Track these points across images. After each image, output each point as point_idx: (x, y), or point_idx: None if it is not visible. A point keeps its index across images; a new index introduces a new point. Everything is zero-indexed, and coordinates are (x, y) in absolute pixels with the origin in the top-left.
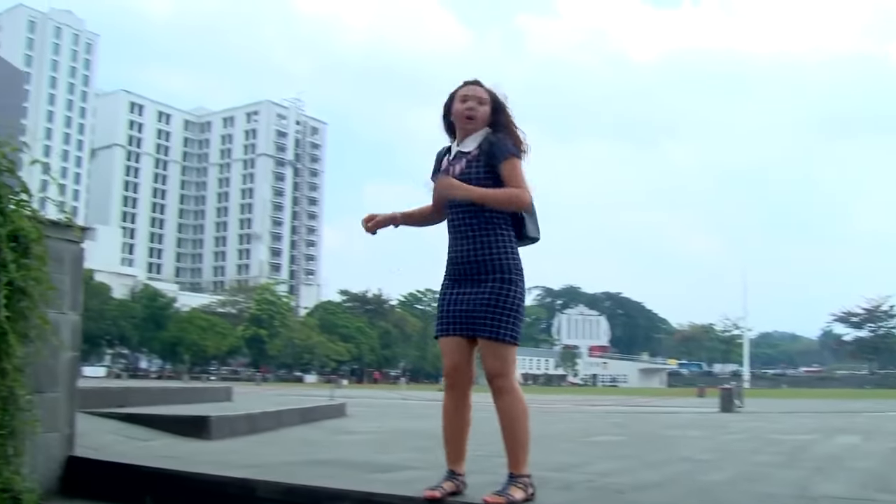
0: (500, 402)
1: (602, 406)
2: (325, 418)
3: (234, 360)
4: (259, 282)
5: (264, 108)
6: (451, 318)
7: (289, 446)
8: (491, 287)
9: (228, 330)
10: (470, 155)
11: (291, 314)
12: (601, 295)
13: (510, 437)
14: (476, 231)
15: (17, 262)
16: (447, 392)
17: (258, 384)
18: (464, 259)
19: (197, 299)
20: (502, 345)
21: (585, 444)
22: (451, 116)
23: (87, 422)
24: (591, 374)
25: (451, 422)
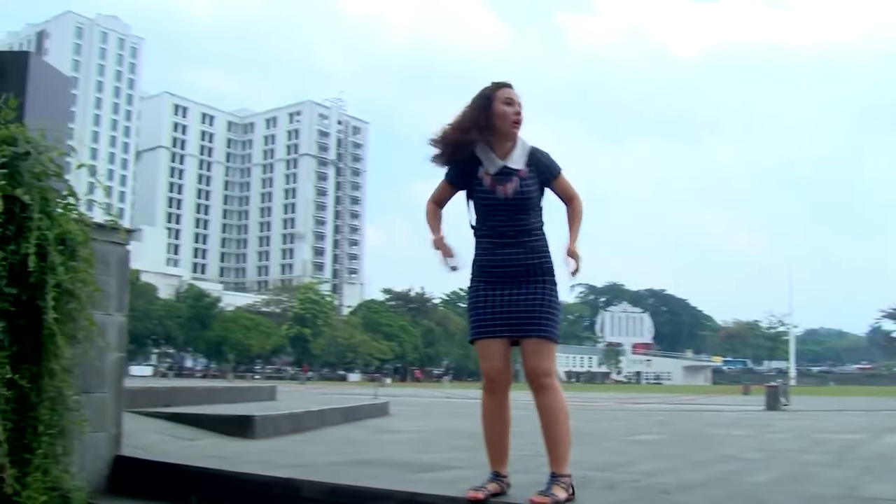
0: (545, 400)
1: (646, 404)
2: (368, 417)
3: (279, 358)
4: (302, 281)
5: (306, 109)
6: (495, 320)
7: (332, 446)
8: (538, 288)
9: (272, 329)
10: (522, 173)
11: (335, 313)
12: (645, 292)
13: (554, 435)
14: (526, 237)
15: (64, 264)
16: (488, 395)
17: (302, 383)
18: (512, 263)
19: (241, 299)
20: (551, 344)
21: (629, 443)
22: (492, 118)
23: (134, 421)
24: (634, 372)
25: (493, 424)
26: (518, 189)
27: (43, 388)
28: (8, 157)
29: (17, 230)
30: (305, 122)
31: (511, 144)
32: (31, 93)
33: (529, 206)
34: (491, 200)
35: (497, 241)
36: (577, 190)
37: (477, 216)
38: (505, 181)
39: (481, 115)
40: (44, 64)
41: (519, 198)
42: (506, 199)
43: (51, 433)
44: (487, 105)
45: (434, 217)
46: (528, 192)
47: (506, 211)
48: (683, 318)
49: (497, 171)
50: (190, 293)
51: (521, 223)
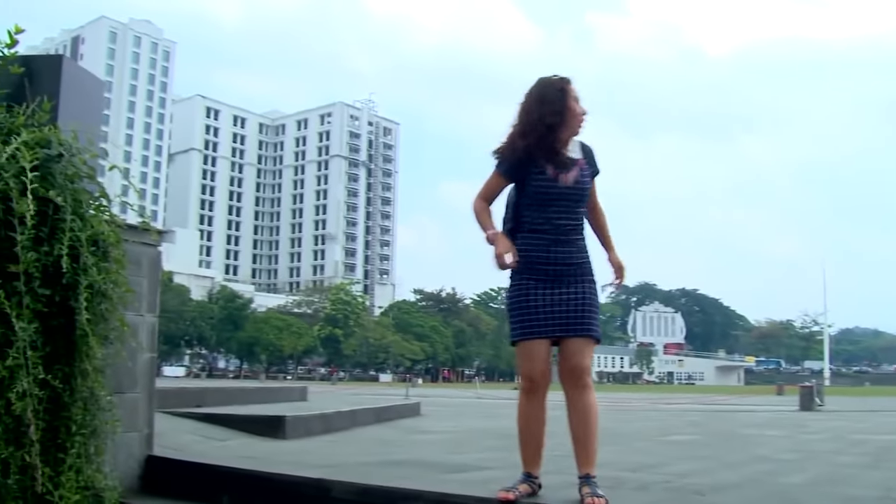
0: (585, 399)
1: (678, 404)
2: (399, 417)
3: (310, 359)
4: (334, 282)
5: (337, 110)
6: (545, 320)
7: (363, 446)
8: (584, 287)
9: (304, 330)
10: (580, 163)
11: (366, 314)
12: (677, 292)
13: (590, 435)
14: (577, 236)
15: (96, 265)
16: (529, 396)
17: (333, 383)
18: (564, 261)
19: (273, 300)
20: (593, 343)
21: (662, 444)
22: (567, 113)
23: (166, 421)
24: (666, 372)
25: (530, 426)
26: (578, 178)
27: (76, 388)
28: (41, 159)
29: (50, 232)
30: (336, 124)
31: (569, 136)
32: (64, 96)
33: (583, 198)
34: (552, 189)
35: (551, 236)
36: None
37: (531, 209)
38: (566, 170)
39: (557, 110)
40: (77, 67)
41: (578, 187)
42: (566, 188)
43: (83, 433)
44: (563, 98)
45: (486, 213)
46: (586, 183)
47: (565, 201)
48: (716, 317)
49: (561, 160)
50: (222, 294)
51: (577, 217)
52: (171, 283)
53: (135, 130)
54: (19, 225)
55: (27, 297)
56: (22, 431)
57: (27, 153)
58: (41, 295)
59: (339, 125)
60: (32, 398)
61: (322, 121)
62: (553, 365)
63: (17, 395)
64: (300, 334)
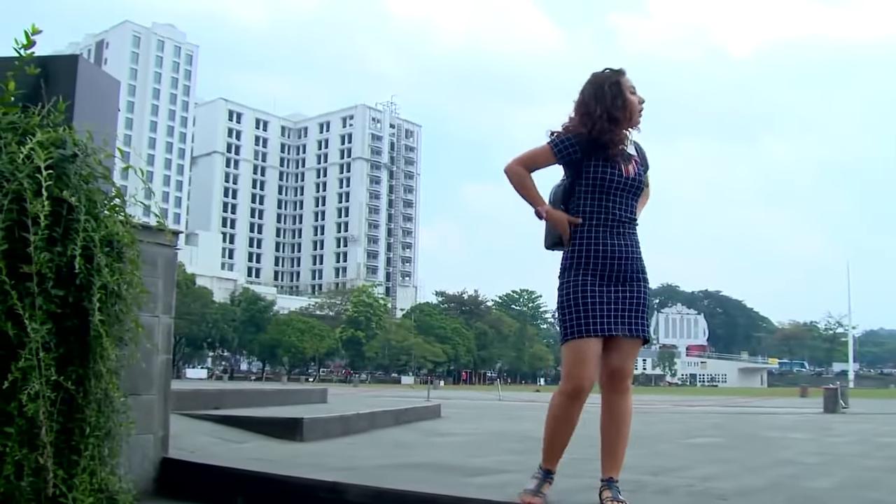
0: (623, 404)
1: (701, 406)
2: (419, 420)
3: (332, 361)
4: (356, 284)
5: (359, 113)
6: (607, 317)
7: (382, 449)
8: (641, 287)
9: (326, 332)
10: (636, 159)
11: (388, 316)
12: (699, 293)
13: (621, 440)
14: (632, 230)
15: (110, 266)
16: (570, 400)
17: (355, 385)
18: (623, 255)
19: (295, 302)
20: (641, 345)
21: (684, 447)
22: (626, 106)
23: (183, 423)
24: (689, 374)
25: (566, 429)
26: (637, 171)
27: (90, 389)
28: (55, 159)
29: (63, 232)
30: (358, 126)
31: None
32: (79, 96)
33: (639, 192)
34: (615, 177)
35: (610, 227)
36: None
37: (589, 196)
38: (626, 163)
39: (621, 104)
40: (92, 67)
41: (637, 179)
42: (626, 179)
43: (98, 435)
44: (620, 93)
45: (531, 182)
46: (643, 177)
47: (624, 192)
48: (739, 319)
49: (621, 152)
50: (245, 297)
51: (632, 209)
52: (193, 286)
53: (158, 133)
54: (33, 225)
55: (40, 297)
56: (35, 433)
57: (41, 153)
58: (54, 296)
59: (361, 128)
60: (45, 400)
61: (344, 123)
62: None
63: (30, 396)
64: (322, 336)
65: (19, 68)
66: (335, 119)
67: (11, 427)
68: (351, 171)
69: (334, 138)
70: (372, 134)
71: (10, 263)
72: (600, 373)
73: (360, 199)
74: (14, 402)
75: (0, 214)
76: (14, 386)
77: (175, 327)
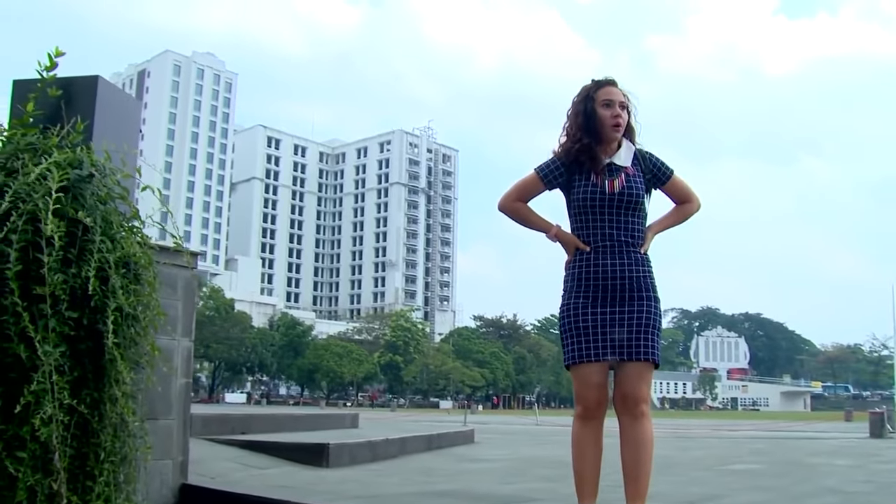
0: (639, 429)
1: (741, 431)
2: (451, 445)
3: (371, 386)
4: (394, 309)
5: (396, 138)
6: (598, 342)
7: (409, 475)
8: (642, 305)
9: (364, 357)
10: (628, 170)
11: (426, 340)
12: (740, 316)
13: (642, 468)
14: (631, 248)
15: (125, 287)
16: (585, 423)
17: (393, 410)
18: (617, 275)
19: (334, 327)
20: (652, 368)
21: (722, 473)
22: (595, 123)
23: (207, 449)
24: (730, 398)
25: (586, 454)
26: (624, 185)
27: (105, 413)
28: (71, 179)
29: (78, 253)
30: (395, 151)
31: (616, 144)
32: (99, 116)
33: (634, 206)
34: (596, 195)
35: (602, 248)
36: (696, 194)
37: (577, 218)
38: (612, 177)
39: (586, 120)
40: (112, 88)
41: (625, 194)
42: (611, 195)
43: (113, 460)
44: (589, 108)
45: (529, 211)
46: (635, 190)
47: (611, 209)
48: (780, 342)
49: (602, 167)
50: (283, 321)
51: (628, 227)
52: (232, 311)
53: (198, 160)
54: (47, 246)
55: (53, 320)
56: (48, 458)
57: (57, 173)
58: (68, 318)
59: (398, 153)
60: (58, 424)
61: (381, 148)
62: (610, 390)
63: (42, 420)
64: (360, 361)
65: (41, 90)
66: (373, 144)
67: (24, 452)
68: (389, 196)
69: (372, 163)
70: (409, 159)
71: (23, 285)
72: (614, 397)
73: (397, 223)
74: (27, 426)
75: (14, 235)
76: (27, 410)
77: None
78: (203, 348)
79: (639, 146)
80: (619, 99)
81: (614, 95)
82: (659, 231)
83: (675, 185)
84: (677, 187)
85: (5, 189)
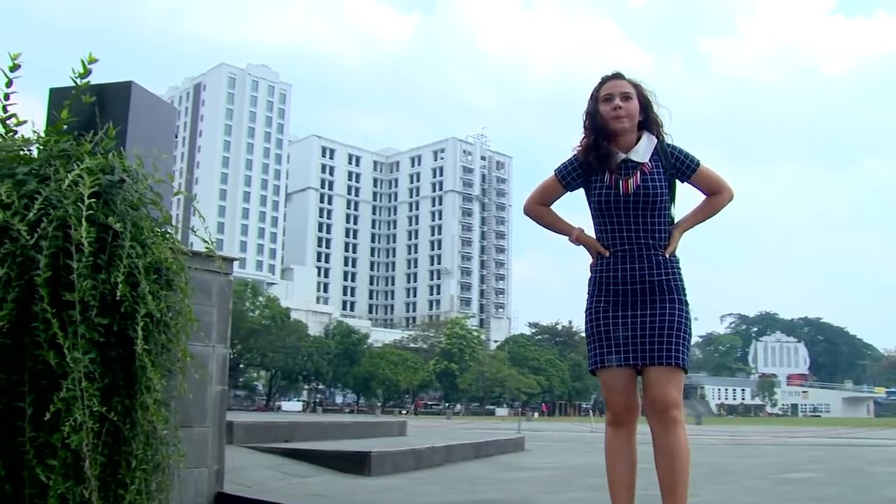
0: (672, 435)
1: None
2: (500, 453)
3: (426, 394)
4: (449, 316)
5: (450, 146)
6: (621, 346)
7: (452, 484)
8: (665, 308)
9: (420, 364)
10: (645, 167)
11: (482, 348)
12: (799, 320)
13: (679, 476)
14: (651, 250)
15: (156, 293)
16: (616, 430)
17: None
18: (635, 280)
19: (389, 335)
20: (680, 372)
21: (777, 482)
22: (598, 120)
23: (248, 456)
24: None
25: (616, 463)
26: (640, 184)
27: (136, 421)
28: (103, 185)
29: (108, 259)
30: (449, 159)
31: (634, 137)
32: (133, 121)
33: (653, 205)
34: (611, 197)
35: (618, 250)
36: (728, 183)
37: (598, 221)
38: (627, 175)
39: (591, 119)
40: (146, 93)
41: (641, 193)
42: (626, 196)
43: (145, 468)
44: (592, 107)
45: (552, 215)
46: (652, 187)
47: (627, 210)
48: (842, 347)
49: (618, 164)
50: (338, 330)
51: (647, 228)
52: (288, 320)
53: (253, 171)
54: (76, 252)
55: (82, 326)
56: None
57: (88, 179)
58: (98, 324)
59: (452, 160)
60: (88, 431)
61: (435, 156)
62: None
63: (72, 427)
64: (416, 369)
65: (75, 97)
66: (426, 152)
67: (55, 459)
68: (443, 204)
69: (426, 171)
70: (463, 166)
71: (53, 291)
72: (644, 405)
73: (452, 231)
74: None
75: (45, 241)
76: (57, 417)
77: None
78: (259, 357)
79: (668, 137)
80: (620, 91)
81: (614, 89)
82: (687, 228)
83: (702, 177)
84: (705, 178)
85: (36, 196)
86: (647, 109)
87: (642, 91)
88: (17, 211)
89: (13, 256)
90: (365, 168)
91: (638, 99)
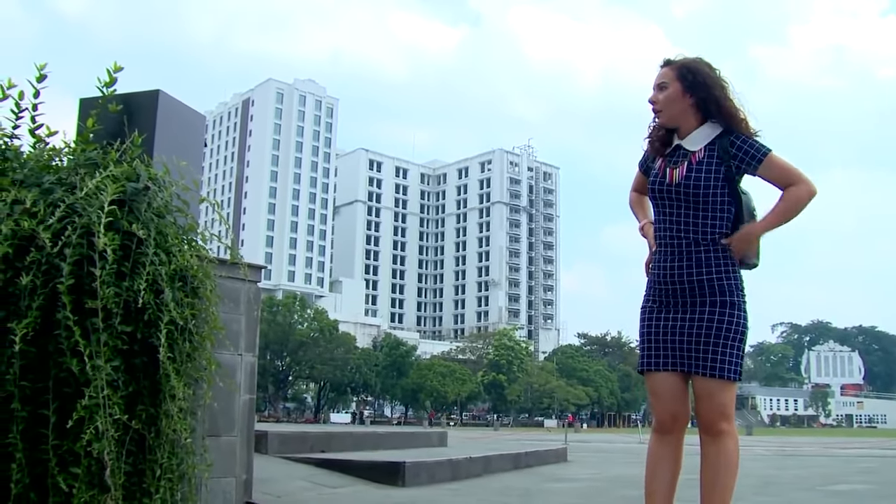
0: (718, 448)
1: (853, 448)
2: (541, 464)
3: (475, 405)
4: (498, 328)
5: (497, 157)
6: (665, 350)
7: (486, 495)
8: (713, 313)
9: (468, 376)
10: (694, 156)
11: (530, 359)
12: (853, 329)
13: (720, 491)
14: (692, 247)
15: (181, 301)
16: (660, 438)
17: (496, 429)
18: (676, 280)
19: (437, 346)
20: (728, 383)
21: (824, 494)
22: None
23: (281, 467)
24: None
25: (655, 472)
26: (684, 174)
27: (161, 430)
28: (127, 192)
29: (132, 266)
30: (496, 171)
31: (693, 125)
32: (160, 129)
33: (699, 199)
34: (660, 186)
35: (665, 247)
36: (804, 175)
37: (653, 213)
38: (674, 165)
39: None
40: (174, 101)
41: (685, 184)
42: (670, 186)
43: (170, 477)
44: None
45: (638, 204)
46: (699, 179)
47: (673, 202)
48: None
49: (670, 151)
50: (387, 342)
51: (695, 223)
52: (337, 332)
53: (301, 185)
54: (99, 259)
55: (105, 334)
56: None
57: (112, 187)
58: (121, 332)
59: (499, 172)
60: (110, 440)
61: (482, 168)
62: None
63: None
64: (464, 380)
65: (102, 106)
66: (473, 164)
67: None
68: (490, 216)
69: (473, 183)
70: (510, 178)
71: (76, 299)
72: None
73: (500, 242)
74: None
75: (69, 249)
76: (80, 425)
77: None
78: (308, 369)
79: (756, 132)
80: (657, 81)
81: (658, 78)
82: (765, 230)
83: (771, 168)
84: (775, 169)
85: (60, 203)
86: (698, 90)
87: (697, 76)
88: (42, 219)
89: (38, 264)
90: (412, 181)
91: (680, 82)
